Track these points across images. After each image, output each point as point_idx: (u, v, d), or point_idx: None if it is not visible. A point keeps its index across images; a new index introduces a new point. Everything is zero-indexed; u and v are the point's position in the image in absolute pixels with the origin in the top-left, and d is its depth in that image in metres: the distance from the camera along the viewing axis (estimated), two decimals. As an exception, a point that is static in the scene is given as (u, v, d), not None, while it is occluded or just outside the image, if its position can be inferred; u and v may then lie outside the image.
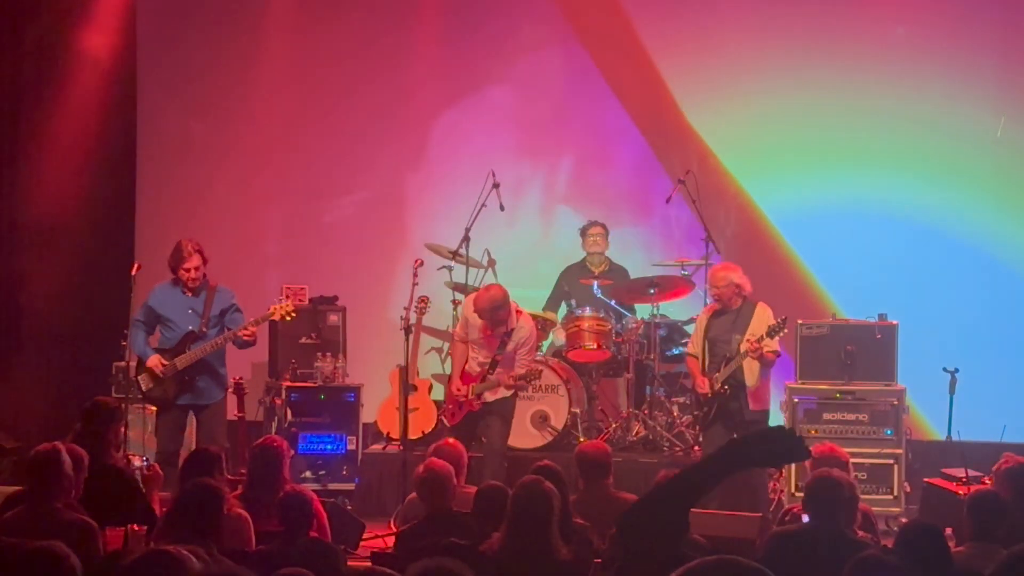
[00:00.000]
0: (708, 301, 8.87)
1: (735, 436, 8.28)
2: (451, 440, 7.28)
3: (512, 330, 8.60)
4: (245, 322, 8.50)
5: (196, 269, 8.45)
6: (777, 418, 9.90)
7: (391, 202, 11.11)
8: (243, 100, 11.11)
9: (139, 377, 8.56)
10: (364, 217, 11.11)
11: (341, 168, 11.13)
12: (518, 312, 8.70)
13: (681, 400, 9.76)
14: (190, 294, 8.52)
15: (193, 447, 8.48)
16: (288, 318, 8.71)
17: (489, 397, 8.68)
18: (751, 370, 8.29)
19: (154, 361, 8.42)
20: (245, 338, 8.43)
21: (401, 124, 11.08)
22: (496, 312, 8.52)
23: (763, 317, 8.36)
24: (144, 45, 11.12)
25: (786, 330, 8.27)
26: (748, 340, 8.21)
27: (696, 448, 9.22)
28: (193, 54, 11.12)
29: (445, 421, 8.96)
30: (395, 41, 11.01)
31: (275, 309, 8.63)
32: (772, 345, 8.27)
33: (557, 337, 9.87)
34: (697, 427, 9.05)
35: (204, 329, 8.47)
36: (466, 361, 8.78)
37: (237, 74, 11.10)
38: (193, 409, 8.60)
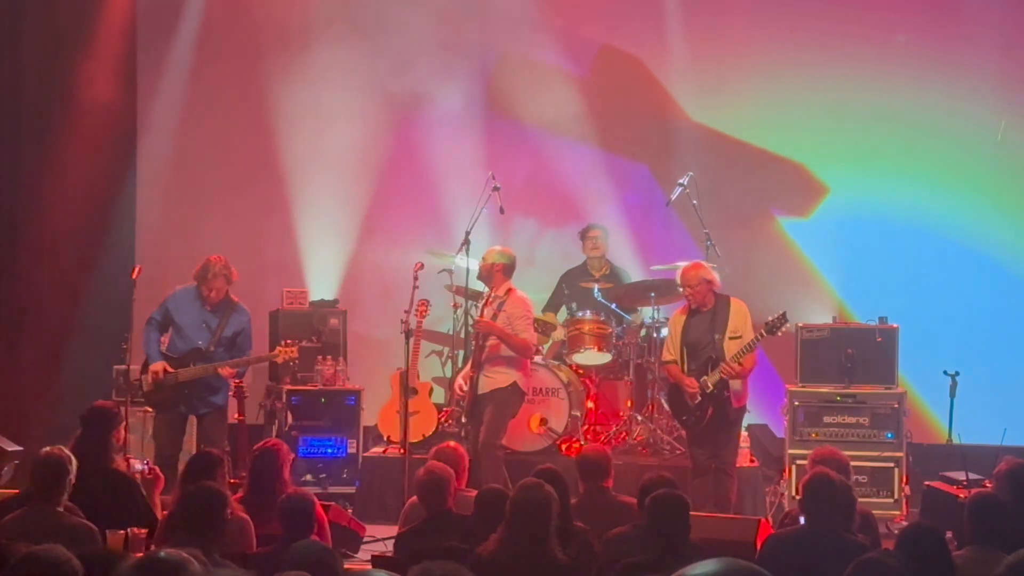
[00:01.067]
0: None
1: (720, 437, 8.37)
2: (452, 443, 7.29)
3: (504, 300, 8.68)
4: (249, 354, 8.55)
5: (217, 291, 8.47)
6: (760, 416, 9.94)
7: (390, 206, 11.10)
8: (243, 105, 11.12)
9: (142, 377, 8.57)
10: (364, 220, 11.12)
11: (341, 172, 11.13)
12: (511, 290, 8.76)
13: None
14: (209, 308, 8.52)
15: (193, 451, 8.49)
16: (292, 363, 8.87)
17: (487, 379, 8.70)
18: None
19: (157, 367, 8.42)
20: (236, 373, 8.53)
21: (401, 126, 11.08)
22: (498, 259, 8.70)
23: (740, 312, 8.38)
24: (144, 52, 11.15)
25: (788, 323, 8.25)
26: (728, 364, 8.17)
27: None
28: (192, 61, 11.13)
29: (463, 419, 8.95)
30: (392, 46, 11.00)
31: (280, 351, 8.68)
32: (749, 362, 8.25)
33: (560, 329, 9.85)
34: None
35: (212, 348, 8.47)
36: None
37: (237, 79, 11.11)
38: (193, 413, 8.61)
